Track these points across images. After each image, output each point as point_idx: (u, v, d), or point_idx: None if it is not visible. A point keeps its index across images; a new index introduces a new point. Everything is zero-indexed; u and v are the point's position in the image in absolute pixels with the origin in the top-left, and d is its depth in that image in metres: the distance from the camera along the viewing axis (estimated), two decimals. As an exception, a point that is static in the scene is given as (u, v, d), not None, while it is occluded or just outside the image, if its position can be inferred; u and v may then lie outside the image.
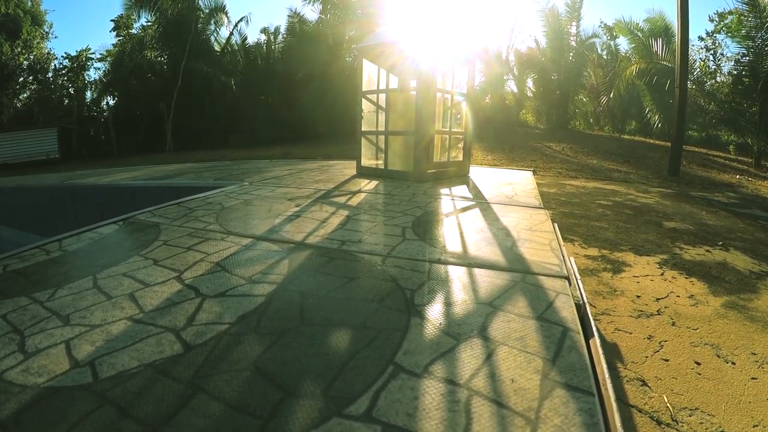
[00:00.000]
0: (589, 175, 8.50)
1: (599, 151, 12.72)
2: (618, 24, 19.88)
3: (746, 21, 14.33)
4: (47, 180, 5.95)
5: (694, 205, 5.79)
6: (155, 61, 23.61)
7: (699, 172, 10.85)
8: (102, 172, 5.79)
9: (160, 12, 21.57)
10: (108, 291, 1.26)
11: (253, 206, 2.09)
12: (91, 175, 5.51)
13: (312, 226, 1.72)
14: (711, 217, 5.06)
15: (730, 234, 4.35)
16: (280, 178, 2.94)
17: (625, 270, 2.99)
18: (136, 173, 4.35)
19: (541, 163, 9.90)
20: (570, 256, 2.49)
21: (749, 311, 2.51)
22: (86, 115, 24.92)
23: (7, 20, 25.17)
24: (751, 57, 13.74)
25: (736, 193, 7.73)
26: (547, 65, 20.30)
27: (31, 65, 26.41)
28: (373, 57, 2.63)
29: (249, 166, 4.13)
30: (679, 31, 9.43)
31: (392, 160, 2.74)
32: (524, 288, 1.21)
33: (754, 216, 5.51)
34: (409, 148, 2.59)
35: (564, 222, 4.19)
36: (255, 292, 1.20)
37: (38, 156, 21.36)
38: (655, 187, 7.38)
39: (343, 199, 2.17)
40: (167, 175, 3.80)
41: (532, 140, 15.28)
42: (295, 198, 2.21)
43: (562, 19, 20.03)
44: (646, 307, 2.45)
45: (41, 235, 5.04)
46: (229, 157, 13.34)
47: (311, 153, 12.93)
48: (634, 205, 5.29)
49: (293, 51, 21.52)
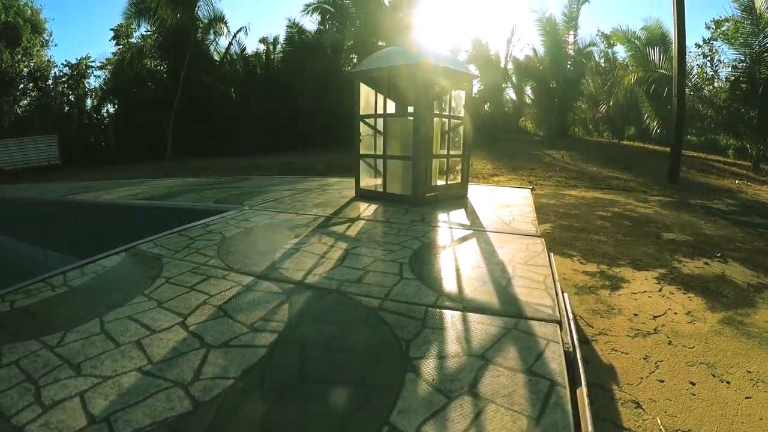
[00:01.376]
0: (588, 183, 8.52)
1: (598, 158, 12.75)
2: (615, 32, 19.94)
3: (743, 28, 14.40)
4: (49, 192, 5.99)
5: (693, 214, 5.80)
6: (155, 70, 23.73)
7: (698, 177, 10.86)
8: (104, 185, 5.84)
9: (160, 22, 21.68)
10: (116, 337, 1.28)
11: (254, 237, 2.12)
12: (92, 189, 5.55)
13: (311, 263, 1.75)
14: (710, 227, 5.08)
15: (728, 244, 4.37)
16: (279, 200, 2.97)
17: (623, 286, 3.01)
18: (137, 189, 4.39)
19: (540, 172, 9.94)
20: (565, 290, 2.52)
21: (746, 327, 2.53)
22: (86, 122, 25.02)
23: (7, 28, 25.37)
24: (747, 63, 13.79)
25: (735, 200, 7.73)
26: (546, 74, 20.40)
27: (32, 72, 26.52)
28: (370, 81, 2.68)
29: (249, 184, 4.17)
30: (676, 41, 9.48)
31: (391, 183, 2.78)
32: (516, 336, 1.22)
33: (753, 224, 5.52)
34: (408, 171, 2.63)
35: (563, 236, 4.22)
36: (257, 342, 1.22)
37: (39, 162, 21.48)
38: (654, 195, 7.40)
39: (342, 229, 2.20)
40: (168, 193, 3.83)
41: (531, 148, 15.34)
42: (295, 227, 2.25)
43: (560, 29, 20.15)
44: (643, 326, 2.47)
45: (43, 246, 5.08)
46: (228, 166, 13.40)
47: (311, 162, 13.00)
48: (633, 215, 5.32)
49: (292, 61, 21.65)
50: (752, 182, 11.09)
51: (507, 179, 8.76)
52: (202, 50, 22.50)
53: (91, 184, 6.18)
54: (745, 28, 14.12)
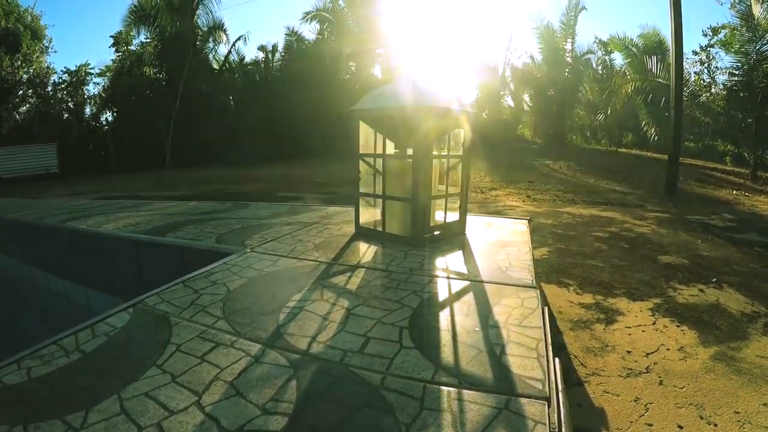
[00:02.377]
0: (585, 197, 8.59)
1: (596, 168, 12.83)
2: (612, 40, 20.06)
3: (740, 35, 14.49)
4: (47, 211, 6.03)
5: (690, 232, 5.86)
6: (154, 78, 23.80)
7: (696, 188, 10.93)
8: (104, 208, 5.90)
9: (160, 29, 21.75)
10: (136, 418, 1.33)
11: (257, 291, 2.16)
12: (91, 213, 5.59)
13: (315, 326, 1.80)
14: (706, 247, 5.14)
15: (724, 267, 4.43)
16: (280, 239, 3.02)
17: (618, 320, 3.07)
18: (137, 217, 4.45)
19: (538, 184, 10.01)
20: (561, 325, 2.58)
21: (736, 363, 2.58)
22: (85, 126, 25.08)
23: (7, 34, 25.50)
24: (745, 70, 13.85)
25: (732, 214, 7.79)
26: (544, 81, 20.50)
27: (31, 79, 26.60)
28: (369, 121, 2.74)
29: (248, 214, 4.22)
30: (674, 53, 9.57)
31: (390, 223, 2.84)
32: (507, 418, 1.27)
33: (749, 242, 5.57)
34: (407, 212, 2.69)
35: (560, 262, 4.28)
36: (271, 427, 1.27)
37: (38, 171, 21.59)
38: (652, 211, 7.46)
39: (343, 280, 2.25)
40: (170, 224, 3.88)
41: (529, 157, 15.43)
42: (297, 277, 2.30)
43: (557, 36, 20.26)
44: (636, 364, 2.53)
45: (44, 270, 5.13)
46: (228, 178, 13.49)
47: (310, 174, 13.07)
48: (630, 236, 5.38)
49: (291, 70, 21.75)
50: (750, 192, 11.14)
51: (505, 193, 8.84)
52: (201, 58, 22.59)
53: (91, 205, 6.23)
54: (742, 35, 14.21)
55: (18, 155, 22.04)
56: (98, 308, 4.11)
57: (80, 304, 4.39)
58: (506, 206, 7.06)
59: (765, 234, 6.25)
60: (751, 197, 10.17)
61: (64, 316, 4.88)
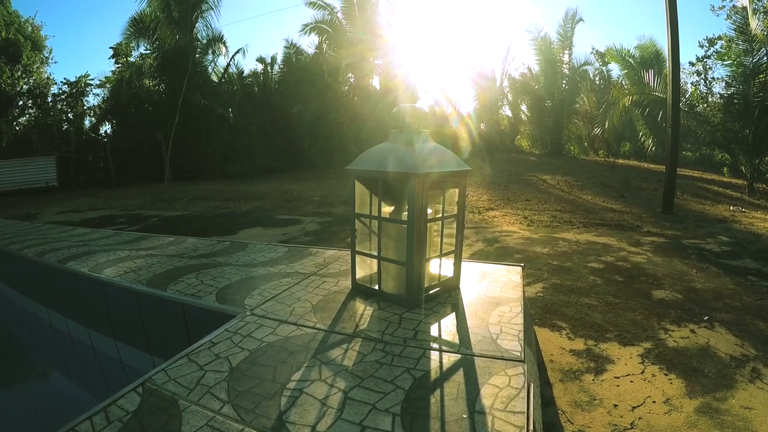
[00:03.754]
0: (583, 217, 8.65)
1: (594, 183, 12.90)
2: (609, 51, 20.27)
3: (736, 47, 14.61)
4: (49, 244, 6.08)
5: (685, 259, 5.91)
6: (153, 91, 23.97)
7: (693, 204, 11.00)
8: (102, 243, 5.97)
9: (159, 42, 21.89)
10: None
11: (259, 368, 2.22)
12: (92, 249, 5.65)
13: (314, 413, 1.84)
14: (701, 278, 5.19)
15: (717, 302, 4.48)
16: (279, 298, 3.08)
17: (607, 369, 3.13)
18: (137, 260, 4.53)
19: (536, 203, 10.08)
20: (551, 376, 2.65)
21: (720, 416, 2.63)
22: (85, 138, 25.17)
23: (7, 45, 25.72)
24: (741, 81, 13.93)
25: (729, 234, 7.84)
26: (541, 92, 20.67)
27: (31, 89, 26.75)
28: (364, 181, 2.81)
29: (247, 259, 4.29)
30: (671, 69, 9.66)
31: (385, 280, 2.91)
32: None
33: (744, 270, 5.62)
34: (402, 273, 2.76)
35: (554, 300, 4.34)
36: None
37: (37, 184, 21.71)
38: (648, 234, 7.51)
39: (340, 355, 2.31)
40: (169, 270, 3.95)
41: (527, 170, 15.50)
42: (296, 350, 2.37)
43: (555, 48, 20.44)
44: (621, 420, 2.58)
45: (46, 306, 5.19)
46: (226, 194, 13.57)
47: (308, 192, 13.14)
48: (625, 267, 5.44)
49: (289, 83, 21.93)
50: (747, 207, 11.21)
51: (502, 214, 8.90)
52: (200, 71, 22.75)
53: (90, 237, 6.30)
54: (738, 46, 14.32)
55: (17, 168, 22.16)
56: (101, 348, 4.18)
57: (83, 342, 4.45)
58: (503, 232, 7.11)
59: (759, 258, 6.30)
60: (748, 213, 10.23)
61: (66, 352, 4.94)
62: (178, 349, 2.69)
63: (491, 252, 5.92)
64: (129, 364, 3.84)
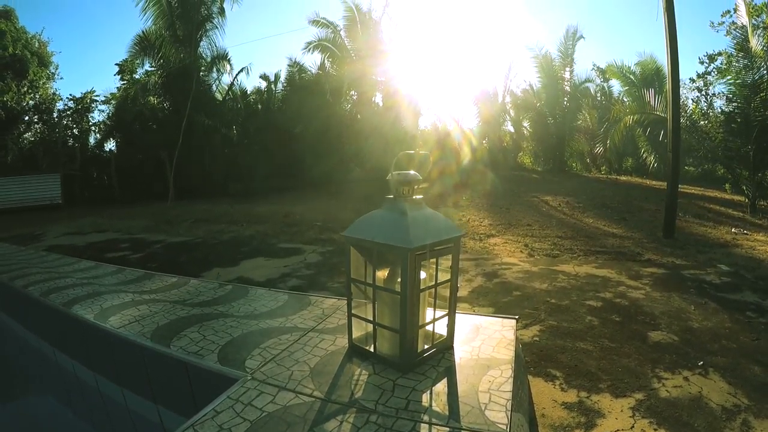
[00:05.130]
0: (583, 244, 8.69)
1: (595, 204, 12.94)
2: (610, 68, 20.42)
3: (736, 63, 14.67)
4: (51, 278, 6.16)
5: (684, 294, 5.93)
6: (158, 109, 24.17)
7: (694, 227, 11.02)
8: (109, 284, 6.05)
9: (164, 59, 22.10)
10: None
11: None
12: (96, 284, 5.73)
13: None
14: (699, 315, 5.21)
15: (714, 343, 4.51)
16: (279, 359, 3.16)
17: (598, 424, 3.16)
18: (141, 304, 4.61)
19: (537, 228, 10.13)
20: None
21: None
22: (90, 154, 25.36)
23: (14, 60, 26.06)
24: (741, 99, 13.96)
25: (729, 262, 7.84)
26: (543, 109, 20.79)
27: (37, 105, 26.95)
28: (359, 249, 2.89)
29: (248, 308, 4.36)
30: (671, 89, 9.74)
31: (381, 343, 2.98)
32: None
33: (743, 305, 5.63)
34: (396, 336, 2.84)
35: (550, 345, 4.39)
36: None
37: (42, 202, 21.92)
38: (649, 262, 7.54)
39: (336, 427, 2.39)
40: (172, 321, 4.04)
41: (529, 189, 15.56)
42: (294, 422, 2.44)
43: (556, 65, 20.56)
44: (613, 484, 2.63)
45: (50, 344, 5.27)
46: (228, 217, 13.67)
47: (311, 215, 13.22)
48: (623, 305, 5.46)
49: (292, 101, 22.14)
50: (749, 227, 11.23)
51: (503, 241, 8.95)
52: (204, 90, 22.97)
53: (95, 272, 6.39)
54: (738, 62, 14.38)
55: (22, 185, 22.37)
56: (106, 392, 4.25)
57: (89, 384, 4.52)
58: (502, 264, 7.16)
59: (758, 290, 6.32)
60: (750, 236, 10.25)
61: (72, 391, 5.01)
62: (182, 403, 2.75)
63: (490, 288, 5.97)
64: (135, 410, 3.91)
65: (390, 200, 2.91)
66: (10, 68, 26.04)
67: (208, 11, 22.60)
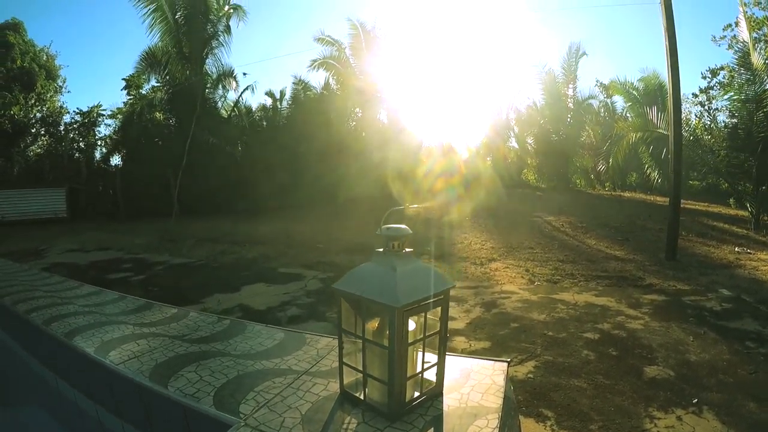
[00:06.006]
0: (585, 268, 8.68)
1: (598, 224, 12.92)
2: (613, 84, 20.50)
3: (738, 78, 14.69)
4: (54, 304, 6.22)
5: (684, 324, 5.89)
6: (163, 125, 24.22)
7: (697, 246, 10.99)
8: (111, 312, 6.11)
9: (170, 76, 22.23)
10: None
11: None
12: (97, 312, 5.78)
13: None
14: (697, 347, 5.19)
15: (710, 378, 4.48)
16: (271, 405, 3.17)
17: (590, 474, 3.19)
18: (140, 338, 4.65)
19: (539, 251, 10.14)
20: None
21: None
22: (95, 168, 25.44)
23: (22, 73, 26.32)
24: (743, 114, 13.94)
25: (732, 285, 7.80)
26: (546, 127, 20.85)
27: (44, 117, 27.02)
28: (348, 301, 2.93)
29: (245, 346, 4.30)
30: (672, 119, 9.77)
31: (371, 391, 3.00)
32: None
33: (742, 334, 5.59)
34: (385, 386, 2.87)
35: (544, 383, 4.39)
36: None
37: (47, 215, 22.10)
38: (650, 288, 7.51)
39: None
40: (170, 358, 4.09)
41: (533, 210, 15.56)
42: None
43: (559, 82, 20.66)
44: None
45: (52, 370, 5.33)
46: (231, 237, 13.74)
47: (311, 235, 13.29)
48: (621, 337, 5.44)
49: (296, 120, 22.25)
50: (752, 246, 11.18)
51: (504, 266, 8.96)
52: (209, 108, 23.06)
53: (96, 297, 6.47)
54: (741, 75, 14.40)
55: (28, 198, 22.52)
56: (107, 423, 4.30)
57: (90, 415, 4.58)
58: (502, 293, 7.16)
59: (760, 316, 6.29)
60: (754, 255, 10.21)
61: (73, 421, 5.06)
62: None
63: (488, 320, 5.98)
64: (137, 445, 3.93)
65: (379, 254, 2.96)
66: (18, 81, 26.31)
67: (214, 29, 22.79)
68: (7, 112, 24.94)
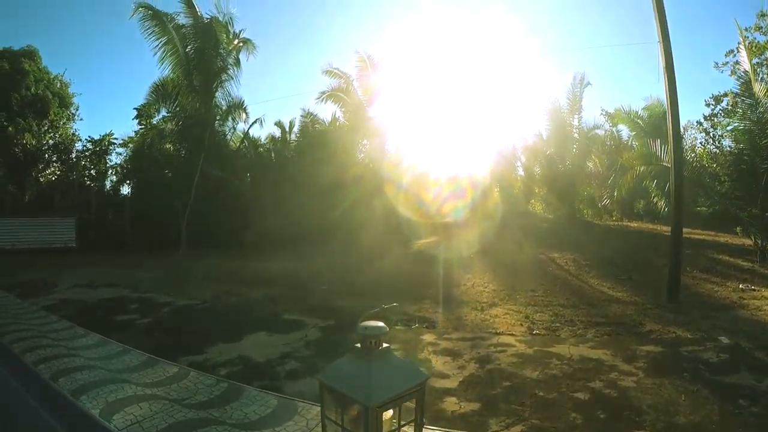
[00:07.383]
0: (585, 315, 8.71)
1: (602, 261, 12.95)
2: (618, 113, 20.64)
3: (740, 108, 14.78)
4: (56, 356, 6.41)
5: (678, 379, 5.87)
6: (173, 156, 24.44)
7: (701, 284, 10.97)
8: (115, 369, 6.32)
9: (180, 107, 22.51)
10: None
11: None
12: (100, 367, 5.96)
13: None
14: (687, 407, 5.18)
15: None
16: None
17: None
18: (142, 401, 4.85)
19: (541, 294, 10.21)
20: None
21: None
22: (106, 198, 25.63)
23: (36, 100, 26.84)
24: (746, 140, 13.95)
25: (732, 329, 7.79)
26: (553, 157, 20.96)
27: (56, 144, 27.36)
28: (329, 392, 3.07)
29: (239, 415, 4.59)
30: (673, 166, 9.87)
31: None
32: None
33: (737, 390, 5.57)
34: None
35: (529, 453, 4.48)
36: None
37: (56, 244, 22.37)
38: (648, 337, 7.53)
39: None
40: (171, 425, 4.30)
41: (538, 244, 15.63)
42: None
43: (564, 113, 20.82)
44: None
45: (58, 423, 5.49)
46: (237, 274, 13.91)
47: (317, 275, 13.47)
48: (611, 397, 5.47)
49: (304, 153, 22.53)
50: (758, 281, 11.16)
51: (504, 312, 9.03)
52: (218, 141, 23.27)
53: (101, 355, 6.71)
54: (744, 101, 14.48)
55: (37, 227, 22.82)
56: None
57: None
58: (498, 346, 7.22)
59: (756, 368, 6.28)
60: (758, 293, 10.19)
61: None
62: None
63: (481, 378, 6.02)
64: None
65: (357, 351, 3.12)
66: (32, 108, 26.83)
67: (224, 62, 23.18)
68: (20, 140, 25.45)
